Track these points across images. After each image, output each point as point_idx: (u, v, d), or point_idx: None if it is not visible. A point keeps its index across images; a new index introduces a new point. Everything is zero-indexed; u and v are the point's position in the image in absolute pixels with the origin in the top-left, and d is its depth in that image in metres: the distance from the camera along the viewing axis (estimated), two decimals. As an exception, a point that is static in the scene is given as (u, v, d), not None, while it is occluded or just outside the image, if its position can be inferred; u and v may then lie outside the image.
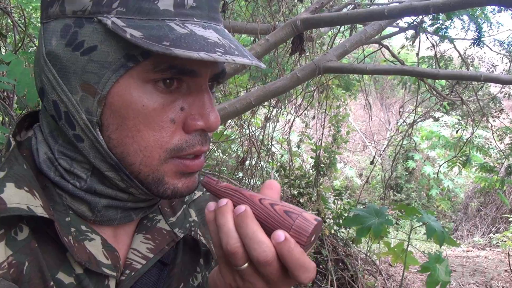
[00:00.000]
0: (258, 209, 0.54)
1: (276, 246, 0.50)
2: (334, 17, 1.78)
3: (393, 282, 4.68)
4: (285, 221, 0.52)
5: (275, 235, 0.50)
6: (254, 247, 0.50)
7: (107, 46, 0.54)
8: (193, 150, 0.60)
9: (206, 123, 0.59)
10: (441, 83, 4.64)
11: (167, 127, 0.57)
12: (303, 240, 0.51)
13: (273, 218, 0.52)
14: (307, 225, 0.51)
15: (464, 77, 2.36)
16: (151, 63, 0.54)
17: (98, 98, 0.55)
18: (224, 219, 0.53)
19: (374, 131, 10.64)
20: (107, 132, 0.57)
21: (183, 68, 0.55)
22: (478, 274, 5.41)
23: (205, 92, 0.59)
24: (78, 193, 0.61)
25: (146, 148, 0.57)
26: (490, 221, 8.03)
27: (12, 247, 0.54)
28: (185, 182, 0.62)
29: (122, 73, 0.54)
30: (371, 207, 2.07)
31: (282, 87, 2.22)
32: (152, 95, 0.56)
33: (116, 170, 0.59)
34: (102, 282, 0.60)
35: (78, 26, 0.55)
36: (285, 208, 0.53)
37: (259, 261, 0.50)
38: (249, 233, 0.51)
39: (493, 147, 5.35)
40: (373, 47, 4.27)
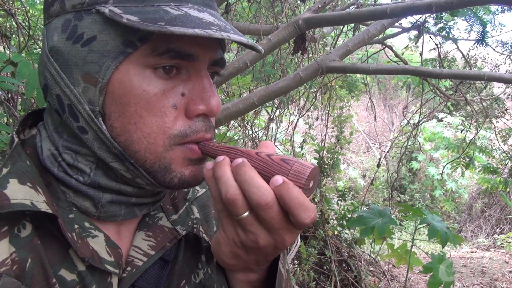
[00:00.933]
0: (255, 160, 0.54)
1: (275, 190, 0.51)
2: (336, 17, 1.78)
3: (397, 283, 4.67)
4: (283, 167, 0.52)
5: (273, 179, 0.51)
6: (253, 191, 0.50)
7: (106, 35, 0.55)
8: (197, 136, 0.61)
9: (207, 106, 0.60)
10: (445, 84, 4.63)
11: (169, 112, 0.58)
12: (301, 183, 0.51)
13: (271, 167, 0.53)
14: (304, 169, 0.52)
15: (468, 77, 2.35)
16: (149, 48, 0.55)
17: (99, 87, 0.56)
18: (222, 170, 0.53)
19: (378, 132, 10.63)
20: (109, 121, 0.58)
21: (180, 51, 0.56)
22: (482, 275, 5.39)
23: (204, 77, 0.60)
24: (81, 188, 0.61)
25: (149, 134, 0.58)
26: (494, 222, 7.99)
27: (15, 244, 0.54)
28: (192, 170, 0.62)
29: (122, 59, 0.56)
30: (375, 208, 2.07)
31: (285, 87, 2.22)
32: (152, 80, 0.57)
33: (121, 160, 0.59)
34: (105, 279, 0.60)
35: (78, 19, 0.57)
36: (282, 157, 0.54)
37: (259, 204, 0.50)
38: (247, 179, 0.51)
39: (496, 148, 5.34)
40: (376, 47, 4.27)
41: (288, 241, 0.54)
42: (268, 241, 0.54)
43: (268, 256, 0.57)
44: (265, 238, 0.53)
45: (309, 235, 4.15)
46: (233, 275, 0.63)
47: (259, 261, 0.59)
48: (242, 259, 0.58)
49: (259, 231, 0.53)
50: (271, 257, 0.59)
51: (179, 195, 0.77)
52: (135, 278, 0.64)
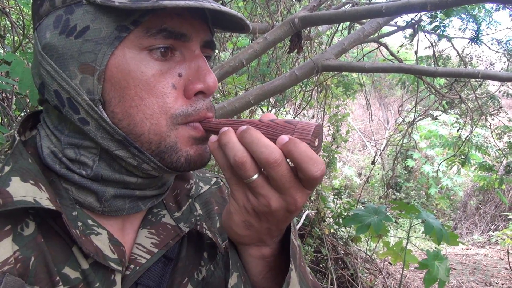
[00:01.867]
0: (259, 126, 0.55)
1: (282, 148, 0.51)
2: (332, 15, 1.78)
3: (393, 280, 4.69)
4: (287, 128, 0.53)
5: (279, 138, 0.52)
6: (261, 151, 0.51)
7: (99, 23, 0.56)
8: (200, 115, 0.62)
9: (204, 84, 0.61)
10: (440, 83, 4.64)
11: (169, 92, 0.59)
12: (307, 139, 0.52)
13: (276, 129, 0.54)
14: (308, 126, 0.52)
15: (462, 75, 2.36)
16: (143, 29, 0.57)
17: (97, 75, 0.57)
18: (227, 137, 0.54)
19: (373, 130, 10.65)
20: (110, 107, 0.59)
21: (173, 30, 0.58)
22: (478, 272, 5.42)
23: (199, 56, 0.62)
24: (84, 183, 0.61)
25: (152, 115, 0.59)
26: (489, 219, 8.04)
27: (18, 242, 0.54)
28: (198, 149, 0.63)
29: (117, 44, 0.57)
30: (370, 206, 2.08)
31: (281, 86, 2.22)
32: (149, 62, 0.58)
33: (125, 146, 0.60)
34: (108, 276, 0.61)
35: (69, 13, 0.57)
36: (285, 120, 0.55)
37: (269, 162, 0.50)
38: (254, 139, 0.52)
39: (491, 146, 5.36)
40: (372, 46, 4.28)
41: (299, 202, 0.54)
42: (280, 203, 0.54)
43: (280, 223, 0.57)
44: (276, 200, 0.53)
45: (306, 233, 4.16)
46: (246, 251, 0.63)
47: (272, 229, 0.58)
48: (254, 228, 0.58)
49: (270, 193, 0.53)
50: (283, 225, 0.59)
51: (181, 192, 0.77)
52: (138, 275, 0.64)
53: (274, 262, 0.64)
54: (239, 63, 1.99)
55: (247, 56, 1.99)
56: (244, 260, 0.64)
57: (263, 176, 0.53)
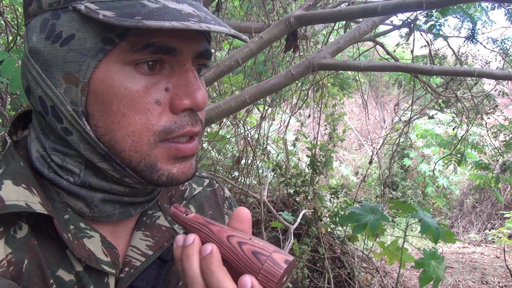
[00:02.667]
0: (225, 248, 0.52)
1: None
2: (327, 14, 1.78)
3: (390, 279, 4.69)
4: (253, 264, 0.50)
5: (241, 281, 0.49)
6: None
7: (84, 33, 0.54)
8: (183, 131, 0.59)
9: (192, 101, 0.58)
10: (436, 82, 4.65)
11: (153, 109, 0.56)
12: (272, 287, 0.49)
13: (241, 260, 0.50)
14: (276, 270, 0.49)
15: (458, 73, 2.36)
16: (128, 44, 0.54)
17: (81, 87, 0.55)
18: (189, 263, 0.52)
19: (369, 129, 10.66)
20: (93, 120, 0.57)
21: (161, 45, 0.55)
22: (474, 270, 5.43)
23: (189, 70, 0.59)
24: (72, 189, 0.60)
25: (133, 132, 0.56)
26: (485, 218, 8.06)
27: (11, 245, 0.53)
28: (180, 167, 0.61)
29: (101, 57, 0.54)
30: (366, 205, 2.07)
31: (277, 85, 2.22)
32: (134, 77, 0.55)
33: (107, 160, 0.58)
34: (102, 279, 0.60)
35: (55, 18, 0.55)
36: (254, 249, 0.51)
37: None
38: (214, 282, 0.50)
39: (488, 145, 5.37)
40: (368, 45, 4.28)
41: None
42: None
43: None
44: None
45: (302, 233, 4.16)
46: None
47: None
48: None
49: None
50: None
51: (176, 194, 0.76)
52: (133, 278, 0.63)
53: None
54: (235, 62, 1.99)
55: (243, 55, 1.99)
56: None
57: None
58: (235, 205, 0.89)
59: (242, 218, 0.56)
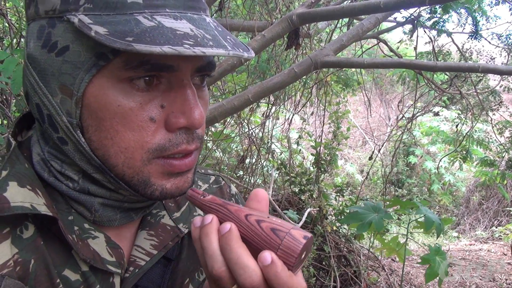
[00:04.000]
0: (244, 226, 0.51)
1: (262, 269, 0.48)
2: (330, 11, 1.78)
3: (396, 277, 4.68)
4: (272, 240, 0.49)
5: (261, 257, 0.49)
6: (239, 273, 0.49)
7: (78, 45, 0.52)
8: (178, 149, 0.57)
9: (188, 120, 0.56)
10: (440, 78, 4.63)
11: (147, 126, 0.55)
12: (291, 262, 0.49)
13: (260, 237, 0.50)
14: (295, 245, 0.49)
15: (462, 69, 2.35)
16: (122, 61, 0.52)
17: (75, 100, 0.54)
18: (208, 241, 0.51)
19: (374, 127, 10.63)
20: (87, 134, 0.56)
21: (157, 63, 0.53)
22: (481, 267, 5.41)
23: (187, 87, 0.56)
24: (72, 194, 0.60)
25: (126, 149, 0.55)
26: (492, 215, 8.01)
27: (18, 245, 0.54)
28: (174, 182, 0.60)
29: (94, 72, 0.52)
30: (368, 204, 2.07)
31: (280, 83, 2.22)
32: (128, 94, 0.53)
33: (102, 172, 0.58)
34: (107, 279, 0.60)
35: (51, 27, 0.54)
36: (272, 226, 0.51)
37: (245, 286, 0.48)
38: (234, 257, 0.49)
39: (493, 141, 5.34)
40: (372, 43, 4.27)
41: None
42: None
43: None
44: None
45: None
46: None
47: None
48: None
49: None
50: None
51: None
52: (138, 278, 0.64)
53: None
54: (237, 61, 1.99)
55: (246, 54, 1.99)
56: None
57: None
58: (242, 201, 0.88)
59: (259, 198, 0.56)
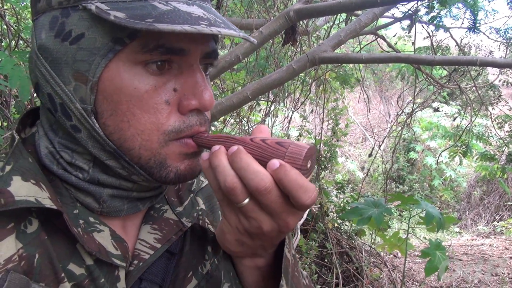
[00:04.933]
0: (250, 146, 0.54)
1: (272, 174, 0.50)
2: (326, 7, 1.78)
3: (398, 273, 4.68)
4: (278, 150, 0.52)
5: (270, 163, 0.51)
6: (251, 178, 0.50)
7: (94, 32, 0.54)
8: (192, 130, 0.60)
9: (200, 101, 0.59)
10: (440, 73, 4.63)
11: (162, 109, 0.57)
12: (298, 164, 0.51)
13: (266, 151, 0.53)
14: (300, 150, 0.52)
15: (460, 62, 2.35)
16: (139, 44, 0.54)
17: (90, 86, 0.55)
18: (218, 160, 0.53)
19: (375, 124, 10.63)
20: (102, 119, 0.57)
21: (171, 46, 0.55)
22: (483, 262, 5.41)
23: (197, 71, 0.59)
24: (81, 185, 0.61)
25: (143, 131, 0.57)
26: (493, 209, 8.02)
27: (22, 240, 0.54)
28: (188, 164, 0.62)
29: (111, 57, 0.54)
30: (369, 200, 2.07)
31: (278, 80, 2.22)
32: (143, 77, 0.56)
33: (115, 157, 0.59)
34: (112, 272, 0.61)
35: (65, 16, 0.55)
36: (277, 140, 0.54)
37: (259, 190, 0.50)
38: (244, 165, 0.51)
39: (493, 135, 5.34)
40: (370, 39, 4.27)
41: (291, 224, 0.54)
42: (272, 225, 0.53)
43: (273, 240, 0.57)
44: (268, 223, 0.53)
45: (309, 228, 4.16)
46: (240, 261, 0.63)
47: (265, 246, 0.58)
48: (247, 245, 0.58)
49: (261, 216, 0.53)
50: (277, 241, 0.59)
51: (183, 187, 0.77)
52: (142, 271, 0.64)
53: (268, 271, 0.64)
54: (235, 58, 1.99)
55: (243, 51, 1.99)
56: (238, 270, 0.64)
57: (254, 200, 0.52)
58: None
59: (262, 129, 0.57)
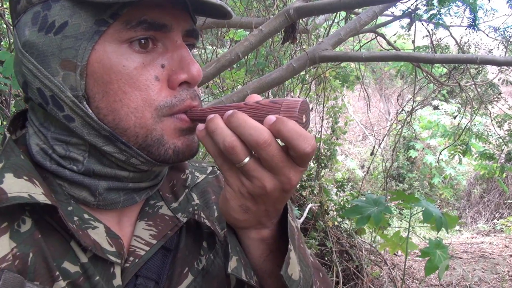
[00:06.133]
0: (245, 109, 0.55)
1: (270, 128, 0.51)
2: (326, 4, 1.78)
3: (398, 271, 4.69)
4: (273, 107, 0.53)
5: (266, 119, 0.52)
6: (249, 133, 0.51)
7: (77, 18, 0.56)
8: (184, 105, 0.61)
9: (188, 74, 0.60)
10: (439, 72, 4.63)
11: (152, 85, 0.59)
12: (294, 116, 0.52)
13: (262, 110, 0.54)
14: (294, 103, 0.53)
15: (460, 60, 2.36)
16: (122, 23, 0.56)
17: (79, 71, 0.57)
18: (214, 124, 0.54)
19: (374, 122, 10.63)
20: (94, 103, 0.58)
21: (153, 22, 0.57)
22: (483, 260, 5.42)
23: (181, 46, 0.61)
24: (77, 178, 0.61)
25: (136, 109, 0.58)
26: (493, 207, 8.03)
27: (16, 239, 0.54)
28: (185, 140, 0.63)
29: (96, 39, 0.56)
30: (369, 197, 2.07)
31: (278, 78, 2.22)
32: (130, 55, 0.57)
33: (112, 141, 0.60)
34: (108, 269, 0.60)
35: (47, 9, 0.57)
36: (270, 99, 0.55)
37: (258, 143, 0.51)
38: (241, 123, 0.52)
39: (492, 134, 5.35)
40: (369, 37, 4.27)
41: (294, 180, 0.54)
42: (274, 183, 0.54)
43: (277, 203, 0.58)
44: (270, 181, 0.54)
45: (309, 227, 4.16)
46: (246, 234, 0.63)
47: (269, 211, 0.59)
48: (251, 211, 0.58)
49: (263, 174, 0.53)
50: (280, 205, 0.59)
51: (178, 183, 0.76)
52: (138, 267, 0.64)
53: (273, 244, 0.64)
54: (235, 56, 1.99)
55: (243, 49, 1.99)
56: (244, 244, 0.64)
57: (254, 158, 0.53)
58: None
59: (254, 97, 0.58)
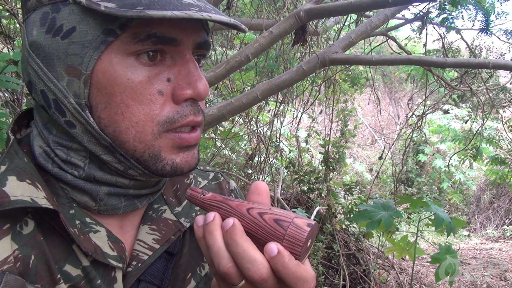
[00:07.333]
0: (246, 220, 0.51)
1: (270, 261, 0.48)
2: (337, 7, 1.77)
3: (406, 276, 4.65)
4: (277, 231, 0.49)
5: (267, 249, 0.49)
6: (247, 267, 0.48)
7: (85, 25, 0.54)
8: (186, 120, 0.59)
9: (194, 91, 0.58)
10: (450, 76, 4.59)
11: (156, 99, 0.57)
12: (298, 251, 0.49)
13: (264, 230, 0.50)
14: (300, 234, 0.49)
15: (472, 65, 2.33)
16: (130, 35, 0.54)
17: (83, 79, 0.55)
18: (212, 238, 0.51)
19: (384, 125, 10.58)
20: (96, 112, 0.57)
21: (162, 36, 0.55)
22: (492, 266, 5.35)
23: (190, 61, 0.59)
24: (77, 183, 0.60)
25: (137, 123, 0.57)
26: (503, 213, 7.94)
27: (18, 241, 0.54)
28: (184, 156, 0.61)
29: (103, 49, 0.54)
30: (378, 202, 2.05)
31: (288, 80, 2.21)
32: (136, 68, 0.56)
33: (111, 152, 0.59)
34: (109, 273, 0.60)
35: (56, 11, 0.55)
36: (275, 217, 0.50)
37: (254, 280, 0.48)
38: (240, 252, 0.49)
39: (504, 139, 5.29)
40: (380, 40, 4.25)
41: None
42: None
43: None
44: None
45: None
46: None
47: None
48: None
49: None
50: None
51: (181, 187, 0.76)
52: (140, 272, 0.64)
53: None
54: (245, 58, 1.99)
55: (253, 51, 1.99)
56: None
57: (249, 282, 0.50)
58: (241, 196, 0.88)
59: (260, 191, 0.56)
